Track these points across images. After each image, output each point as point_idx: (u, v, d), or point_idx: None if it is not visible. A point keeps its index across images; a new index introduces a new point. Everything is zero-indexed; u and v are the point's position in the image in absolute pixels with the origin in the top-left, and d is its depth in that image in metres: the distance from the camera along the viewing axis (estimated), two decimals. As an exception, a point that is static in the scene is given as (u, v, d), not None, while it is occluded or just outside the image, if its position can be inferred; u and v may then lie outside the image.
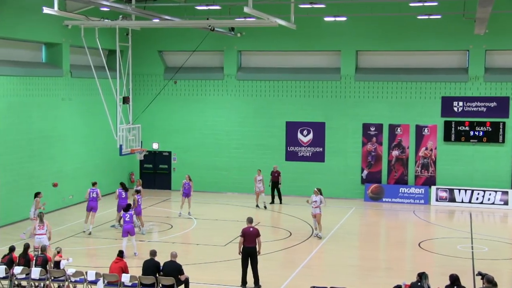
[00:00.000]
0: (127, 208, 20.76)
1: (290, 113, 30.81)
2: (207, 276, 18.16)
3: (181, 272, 15.26)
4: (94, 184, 23.44)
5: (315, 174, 30.56)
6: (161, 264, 15.64)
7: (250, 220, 17.59)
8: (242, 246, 17.08)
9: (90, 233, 22.73)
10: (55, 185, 24.88)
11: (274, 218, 26.47)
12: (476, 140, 28.76)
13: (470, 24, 25.93)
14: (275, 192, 28.77)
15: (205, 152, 31.84)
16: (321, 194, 22.60)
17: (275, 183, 28.70)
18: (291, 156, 30.91)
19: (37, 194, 22.05)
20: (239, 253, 17.24)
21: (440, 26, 28.58)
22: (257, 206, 27.83)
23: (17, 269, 15.80)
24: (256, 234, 17.13)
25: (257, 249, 17.16)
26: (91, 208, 22.97)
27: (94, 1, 20.65)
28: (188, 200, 25.77)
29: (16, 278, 15.86)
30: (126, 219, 20.37)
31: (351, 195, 30.21)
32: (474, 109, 28.81)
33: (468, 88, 28.94)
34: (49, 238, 18.81)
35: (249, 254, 17.03)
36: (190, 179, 25.81)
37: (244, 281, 17.10)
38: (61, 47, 27.19)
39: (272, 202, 28.67)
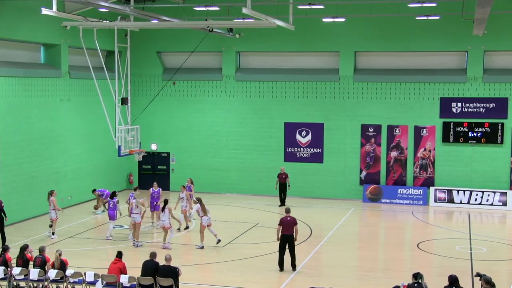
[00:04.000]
0: (112, 195, 23.28)
1: (289, 114, 30.80)
2: (207, 277, 18.17)
3: (177, 275, 15.24)
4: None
5: (314, 175, 30.59)
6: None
7: (287, 210, 19.18)
8: (280, 233, 18.66)
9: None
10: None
11: (273, 219, 26.42)
12: (474, 141, 28.77)
13: (468, 25, 25.92)
14: (283, 195, 28.66)
15: (203, 153, 31.83)
16: (200, 203, 21.16)
17: (282, 185, 28.64)
18: (289, 157, 30.89)
19: (51, 193, 22.75)
20: (277, 239, 18.79)
21: (438, 27, 28.60)
22: (183, 228, 24.22)
23: (16, 270, 15.79)
24: (293, 222, 18.73)
25: (294, 236, 18.70)
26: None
27: (92, 2, 20.63)
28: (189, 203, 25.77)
29: (15, 279, 15.85)
30: (111, 205, 22.80)
31: (349, 196, 30.22)
32: (473, 110, 28.82)
33: (466, 89, 28.96)
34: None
35: (286, 240, 18.66)
36: (192, 183, 25.78)
37: (281, 265, 18.65)
38: (59, 48, 27.17)
39: (281, 204, 28.47)
